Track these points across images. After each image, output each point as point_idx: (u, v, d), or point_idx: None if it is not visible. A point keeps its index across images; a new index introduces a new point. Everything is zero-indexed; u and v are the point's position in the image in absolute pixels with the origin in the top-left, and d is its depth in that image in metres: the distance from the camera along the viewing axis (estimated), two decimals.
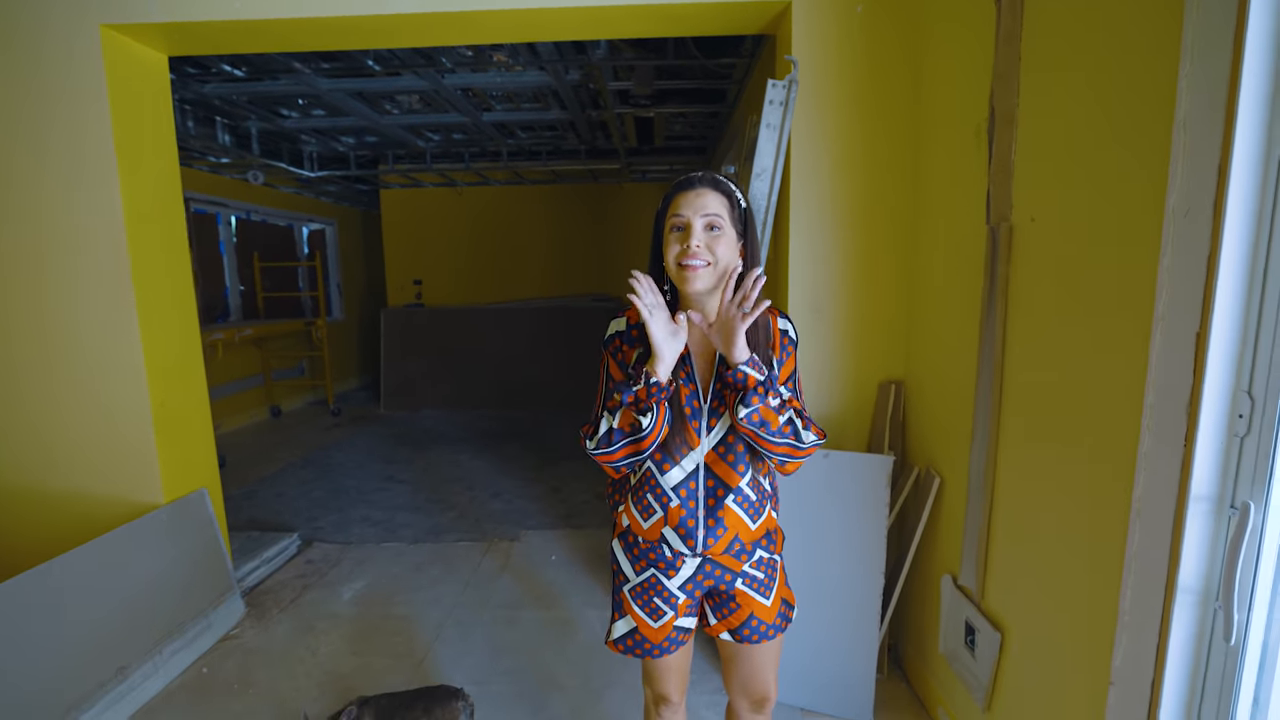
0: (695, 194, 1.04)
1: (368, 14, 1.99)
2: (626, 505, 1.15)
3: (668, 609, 1.14)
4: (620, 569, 1.18)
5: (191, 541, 2.25)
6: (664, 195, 1.09)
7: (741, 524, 1.10)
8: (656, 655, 1.16)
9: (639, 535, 1.14)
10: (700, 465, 1.08)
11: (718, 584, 1.14)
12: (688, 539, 1.09)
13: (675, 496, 1.09)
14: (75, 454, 2.19)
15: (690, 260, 1.01)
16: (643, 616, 1.15)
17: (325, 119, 4.28)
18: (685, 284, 1.03)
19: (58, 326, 2.14)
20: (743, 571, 1.14)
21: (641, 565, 1.15)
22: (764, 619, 1.15)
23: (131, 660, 1.88)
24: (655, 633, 1.15)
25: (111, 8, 1.99)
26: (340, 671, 2.07)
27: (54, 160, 2.06)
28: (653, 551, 1.13)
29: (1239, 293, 0.88)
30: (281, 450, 4.85)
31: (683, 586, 1.13)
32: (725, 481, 1.08)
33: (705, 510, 1.09)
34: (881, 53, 1.87)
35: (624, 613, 1.17)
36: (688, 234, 1.02)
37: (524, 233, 6.98)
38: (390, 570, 2.80)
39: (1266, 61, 0.83)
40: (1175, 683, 0.98)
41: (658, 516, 1.10)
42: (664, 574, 1.13)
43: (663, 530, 1.10)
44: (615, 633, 1.18)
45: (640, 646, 1.16)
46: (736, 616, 1.15)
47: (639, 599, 1.15)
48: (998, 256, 1.40)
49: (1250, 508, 0.87)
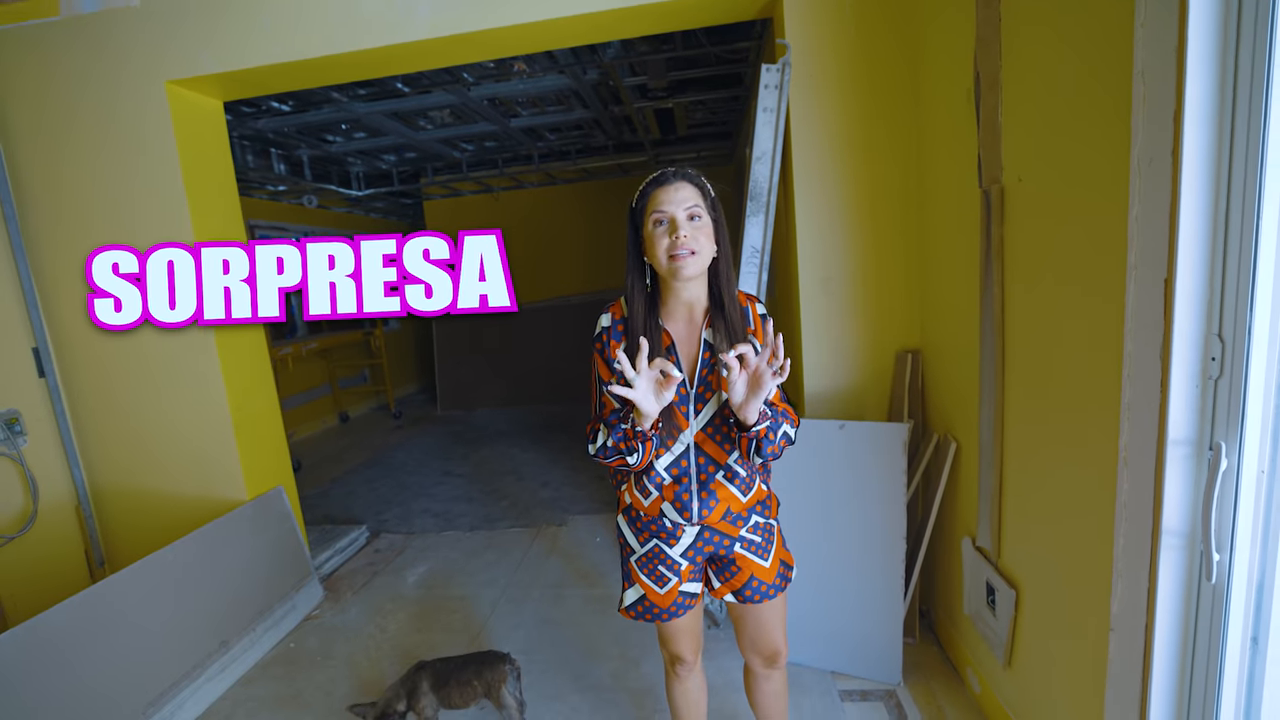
0: (673, 188, 1.10)
1: (393, 44, 2.16)
2: (629, 486, 1.22)
3: (672, 575, 1.22)
4: (626, 542, 1.26)
5: (273, 533, 2.52)
6: (638, 192, 1.15)
7: (732, 497, 1.17)
8: (666, 619, 1.25)
9: (640, 511, 1.21)
10: (690, 445, 1.14)
11: (718, 549, 1.22)
12: (684, 511, 1.16)
13: (668, 476, 1.16)
14: (169, 458, 2.50)
15: (680, 250, 1.08)
16: (649, 584, 1.23)
17: (367, 140, 4.57)
18: (677, 274, 1.09)
19: (151, 350, 2.44)
20: (740, 536, 1.21)
21: (645, 537, 1.23)
22: (764, 579, 1.22)
23: (231, 636, 2.16)
24: (662, 598, 1.23)
25: (173, 65, 2.24)
26: (407, 645, 2.29)
27: (135, 202, 2.34)
28: (654, 524, 1.21)
29: (1203, 238, 0.89)
30: (350, 453, 5.23)
31: (684, 554, 1.21)
32: (715, 459, 1.15)
33: (698, 485, 1.15)
34: (874, 28, 1.88)
35: (632, 581, 1.25)
36: (673, 227, 1.08)
37: (561, 231, 7.17)
38: (449, 556, 3.02)
39: (1212, 6, 0.84)
40: (1166, 626, 1.00)
41: (654, 496, 1.18)
42: (666, 543, 1.21)
43: (661, 505, 1.18)
44: (626, 600, 1.26)
45: (650, 612, 1.24)
46: (738, 579, 1.22)
47: (645, 568, 1.23)
48: (991, 218, 1.42)
49: (1223, 447, 0.89)
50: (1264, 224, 0.84)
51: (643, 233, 1.14)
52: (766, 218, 1.89)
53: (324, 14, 2.14)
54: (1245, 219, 0.85)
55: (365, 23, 2.13)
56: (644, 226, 1.13)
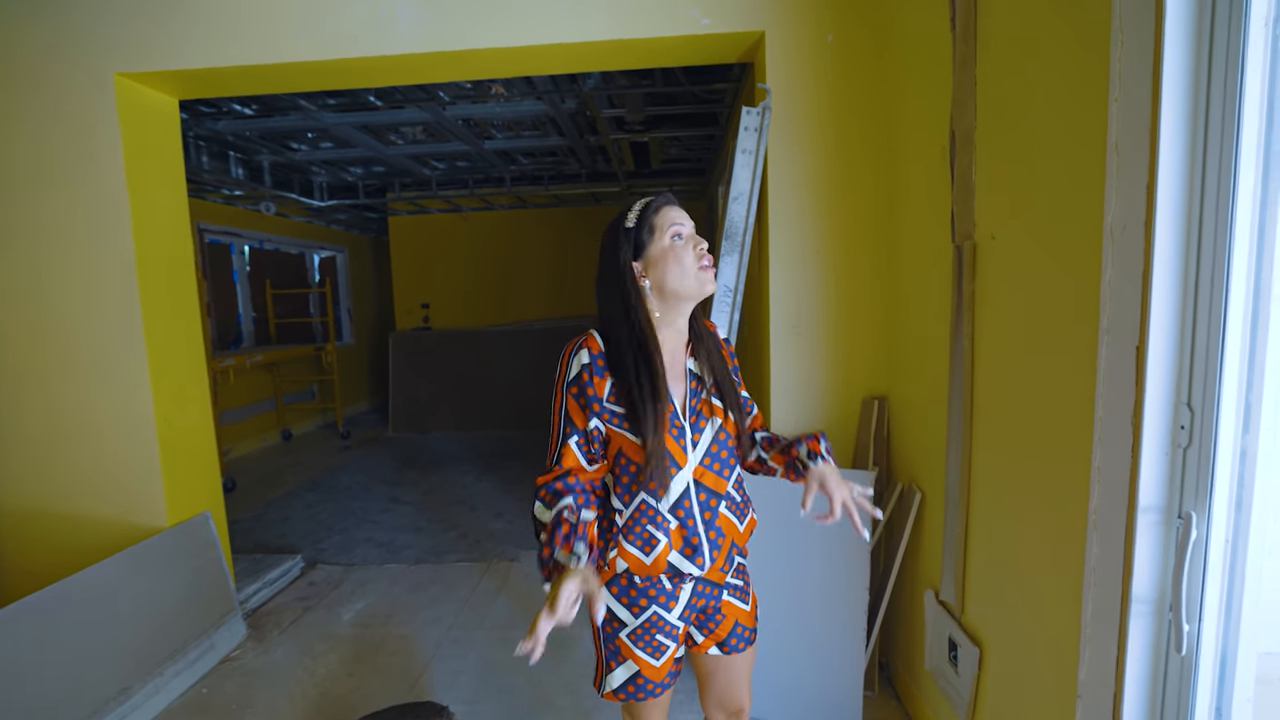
0: (679, 209, 1.11)
1: (367, 56, 2.10)
2: (620, 548, 1.07)
3: (670, 642, 1.11)
4: (614, 615, 1.11)
5: (194, 564, 2.30)
6: (638, 212, 1.09)
7: (734, 528, 1.12)
8: (659, 694, 1.13)
9: (639, 575, 1.08)
10: (690, 482, 1.07)
11: (709, 602, 1.14)
12: (695, 557, 1.06)
13: (674, 519, 1.06)
14: (79, 477, 2.27)
15: (708, 260, 1.07)
16: (645, 658, 1.11)
17: (333, 151, 4.44)
18: (706, 285, 1.07)
19: (64, 354, 2.23)
20: (726, 583, 1.15)
21: (641, 606, 1.10)
22: (745, 624, 1.18)
23: (133, 682, 1.93)
24: (658, 671, 1.11)
25: (125, 57, 2.11)
26: (336, 693, 2.10)
27: (68, 194, 2.17)
28: (652, 589, 1.09)
29: (1174, 307, 0.91)
30: (290, 474, 4.93)
31: (682, 615, 1.12)
32: (715, 490, 1.09)
33: (704, 524, 1.08)
34: (853, 79, 1.93)
35: (622, 659, 1.11)
36: (693, 239, 1.08)
37: (528, 256, 7.11)
38: (391, 591, 2.83)
39: (1184, 88, 0.87)
40: (1135, 695, 0.98)
41: (662, 545, 1.06)
42: (664, 608, 1.10)
43: (669, 558, 1.06)
44: (614, 682, 1.12)
45: (643, 690, 1.11)
46: (723, 628, 1.16)
47: (640, 640, 1.10)
48: (964, 273, 1.44)
49: (1193, 518, 0.89)
50: (1232, 296, 0.86)
51: (648, 252, 1.07)
52: (741, 257, 1.89)
53: (300, 19, 2.06)
54: (1215, 291, 0.87)
55: (344, 32, 2.06)
56: (652, 244, 1.07)
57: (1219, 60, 0.86)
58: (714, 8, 1.94)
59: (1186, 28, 0.87)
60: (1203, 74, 0.87)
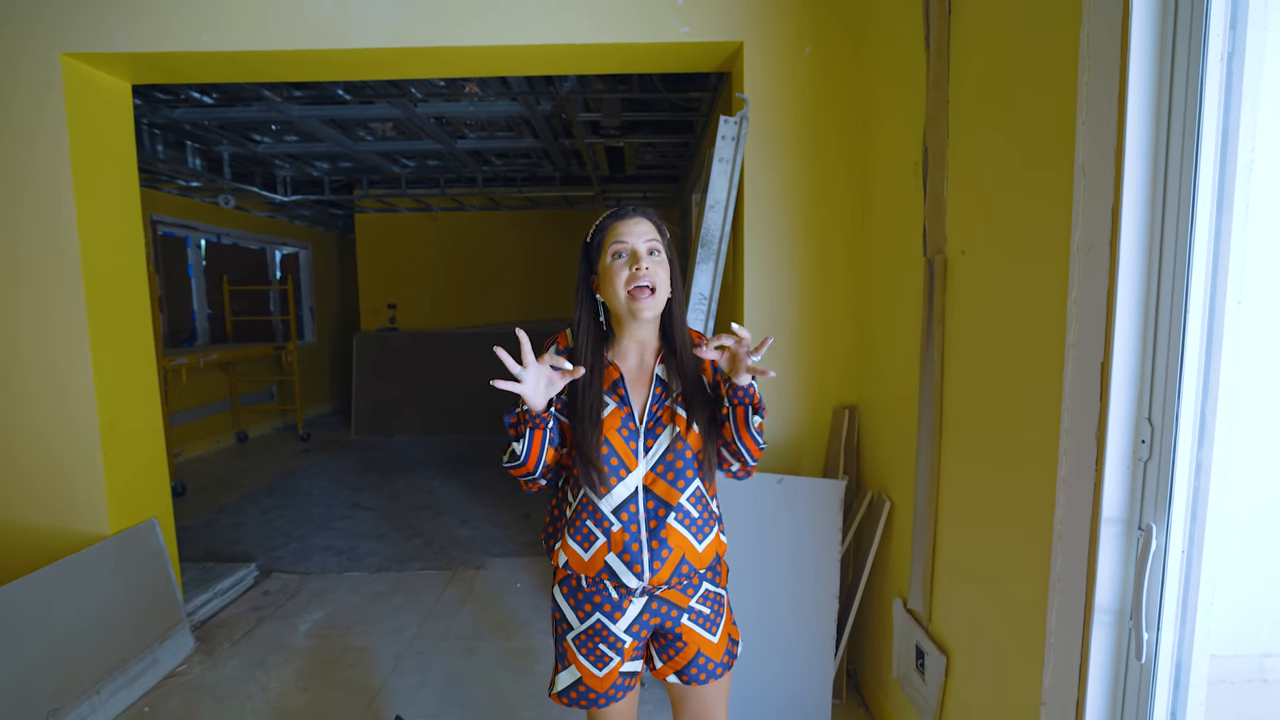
0: (633, 222, 1.07)
1: (336, 48, 2.03)
2: (563, 541, 1.10)
3: (614, 654, 1.10)
4: (563, 616, 1.13)
5: (138, 574, 2.18)
6: (594, 227, 1.10)
7: (686, 544, 1.08)
8: (603, 705, 1.12)
9: (580, 573, 1.09)
10: (639, 487, 1.07)
11: (664, 622, 1.12)
12: (633, 564, 1.06)
13: (616, 520, 1.06)
14: (17, 480, 2.12)
15: (640, 283, 1.02)
16: (587, 666, 1.10)
17: (299, 144, 4.30)
18: (637, 312, 1.04)
19: (2, 343, 2.09)
20: (689, 607, 1.12)
21: (586, 610, 1.10)
22: (711, 656, 1.13)
23: (65, 703, 1.81)
24: (600, 681, 1.11)
25: (74, 37, 2.00)
26: (290, 708, 2.01)
27: (6, 182, 2.04)
28: (597, 594, 1.10)
29: (1136, 324, 0.94)
30: (246, 477, 4.74)
31: (629, 629, 1.10)
32: (665, 500, 1.07)
33: (648, 532, 1.06)
34: (830, 91, 1.96)
35: (567, 663, 1.13)
36: (634, 258, 1.03)
37: (500, 257, 7.02)
38: (350, 600, 2.73)
39: (1147, 114, 0.91)
40: (1096, 702, 1.00)
41: (600, 544, 1.07)
42: (609, 617, 1.09)
43: (606, 558, 1.07)
44: (559, 684, 1.14)
45: (585, 698, 1.12)
46: (683, 656, 1.13)
47: (583, 647, 1.11)
48: (934, 287, 1.46)
49: (1153, 529, 0.91)
50: (1190, 315, 0.89)
51: (598, 267, 1.08)
52: (716, 265, 1.89)
53: (267, 4, 1.99)
54: (1175, 310, 0.90)
55: (314, 22, 2.00)
56: (600, 260, 1.07)
57: (1179, 90, 0.89)
58: (694, 16, 1.95)
59: (1149, 58, 0.90)
60: (1164, 101, 0.90)
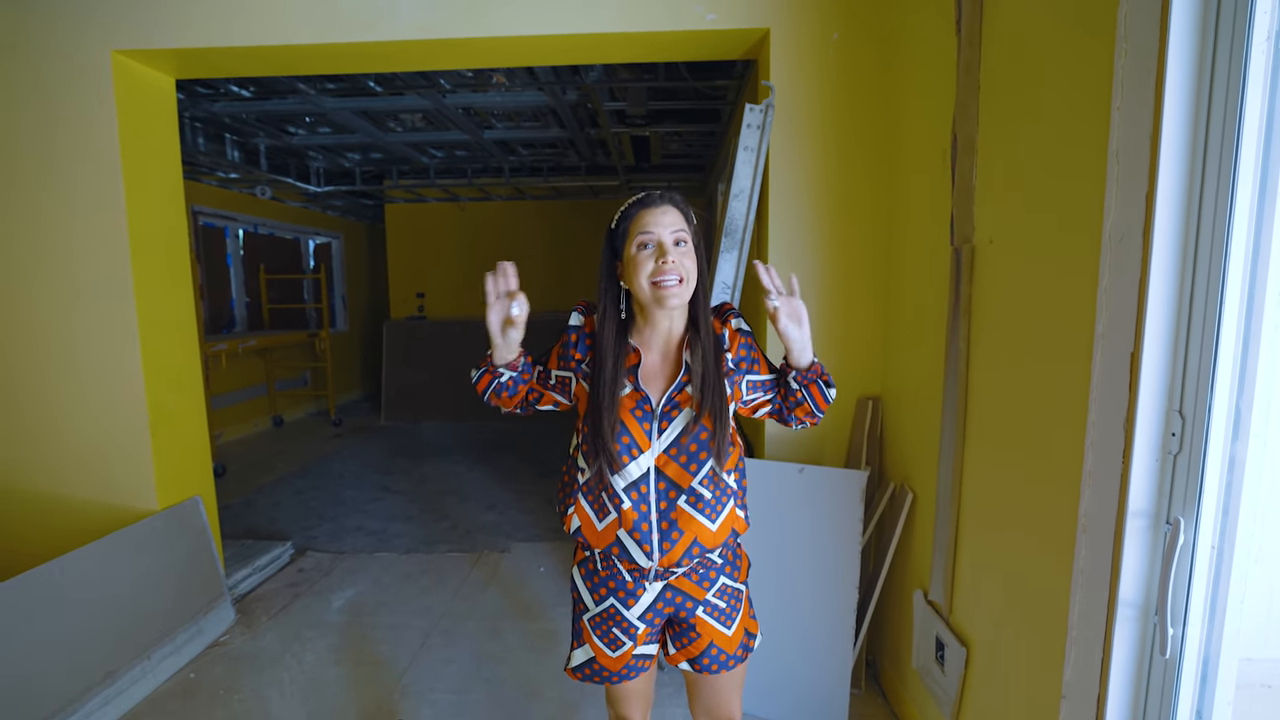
0: (660, 211, 1.05)
1: (368, 40, 2.08)
2: (578, 504, 1.10)
3: (626, 639, 1.12)
4: (580, 597, 1.16)
5: (184, 549, 2.29)
6: (620, 213, 1.08)
7: (698, 526, 1.07)
8: (616, 681, 1.15)
9: (593, 545, 1.10)
10: (651, 469, 1.07)
11: (678, 611, 1.13)
12: (643, 544, 1.06)
13: (626, 499, 1.06)
14: (70, 458, 2.25)
15: (666, 277, 1.01)
16: (601, 647, 1.13)
17: (331, 136, 4.40)
18: (662, 303, 1.02)
19: (57, 332, 2.21)
20: (705, 600, 1.13)
21: (601, 594, 1.13)
22: (725, 648, 1.14)
23: (119, 665, 1.92)
24: (614, 662, 1.13)
25: (122, 34, 2.08)
26: (323, 679, 2.10)
27: (61, 174, 2.15)
28: (612, 579, 1.12)
29: (1169, 315, 0.92)
30: (281, 460, 4.91)
31: (642, 616, 1.11)
32: (677, 483, 1.07)
33: (658, 513, 1.06)
34: (857, 78, 1.93)
35: (582, 641, 1.16)
36: (660, 251, 1.02)
37: (525, 247, 7.08)
38: (380, 580, 2.83)
39: (1186, 98, 0.88)
40: (1118, 696, 0.99)
41: (611, 518, 1.08)
42: (623, 603, 1.11)
43: (617, 533, 1.07)
44: (574, 660, 1.17)
45: (599, 675, 1.15)
46: (696, 646, 1.14)
47: (598, 629, 1.13)
48: (961, 276, 1.44)
49: (1181, 523, 0.90)
50: (1226, 306, 0.87)
51: (622, 256, 1.07)
52: (740, 254, 1.89)
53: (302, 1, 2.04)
54: (1210, 300, 0.88)
55: (345, 15, 2.04)
56: (625, 249, 1.06)
57: (1221, 72, 0.86)
58: (719, 4, 1.94)
59: (1190, 38, 0.87)
60: (1204, 85, 0.87)
